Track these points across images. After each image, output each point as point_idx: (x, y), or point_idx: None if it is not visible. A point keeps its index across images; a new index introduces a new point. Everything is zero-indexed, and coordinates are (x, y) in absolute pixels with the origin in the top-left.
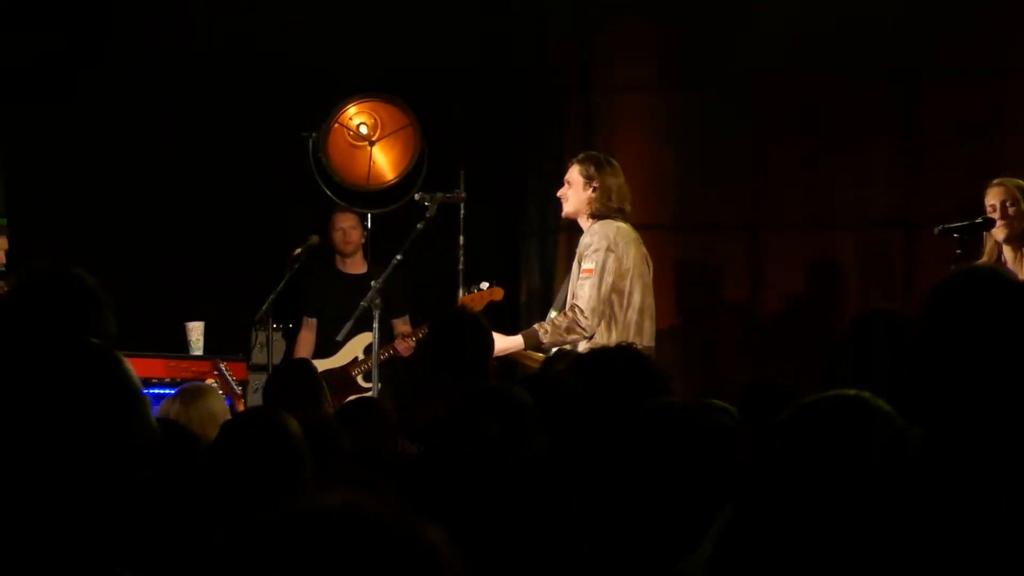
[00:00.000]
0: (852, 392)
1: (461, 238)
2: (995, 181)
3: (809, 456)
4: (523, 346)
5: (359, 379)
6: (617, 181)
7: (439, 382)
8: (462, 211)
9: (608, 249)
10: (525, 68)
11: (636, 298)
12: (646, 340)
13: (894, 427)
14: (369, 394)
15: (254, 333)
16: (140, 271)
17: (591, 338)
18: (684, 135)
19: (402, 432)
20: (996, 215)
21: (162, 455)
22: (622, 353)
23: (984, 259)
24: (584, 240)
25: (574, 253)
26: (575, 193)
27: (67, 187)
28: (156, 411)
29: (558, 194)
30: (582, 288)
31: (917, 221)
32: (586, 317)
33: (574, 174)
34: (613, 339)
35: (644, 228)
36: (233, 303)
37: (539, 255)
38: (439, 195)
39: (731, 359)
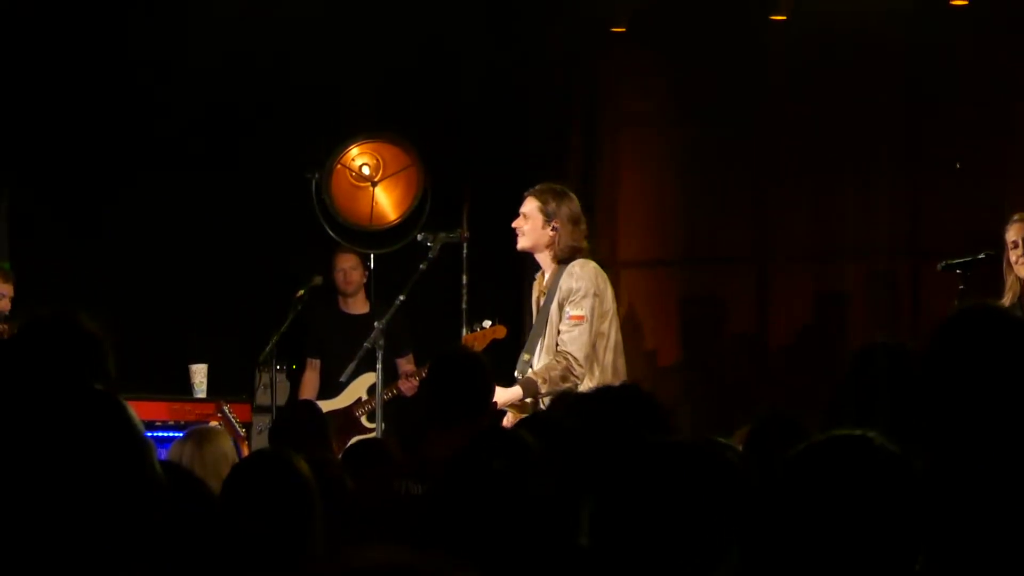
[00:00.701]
0: (858, 432)
1: (464, 277)
2: (1016, 216)
3: (814, 500)
4: (522, 397)
5: (363, 420)
6: (574, 213)
7: (440, 421)
8: (465, 250)
9: (595, 295)
10: (528, 102)
11: (612, 338)
12: (621, 376)
13: (900, 469)
14: (373, 435)
15: (258, 375)
16: (143, 313)
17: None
18: (689, 168)
19: (407, 472)
20: (1019, 251)
21: (170, 500)
22: (625, 393)
23: (1006, 297)
24: (568, 284)
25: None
26: (532, 229)
27: (70, 230)
28: (165, 454)
29: (513, 225)
30: (571, 334)
31: (924, 250)
32: (580, 365)
33: (531, 208)
34: (596, 380)
35: (649, 263)
36: (236, 345)
37: None
38: (442, 235)
39: (738, 392)
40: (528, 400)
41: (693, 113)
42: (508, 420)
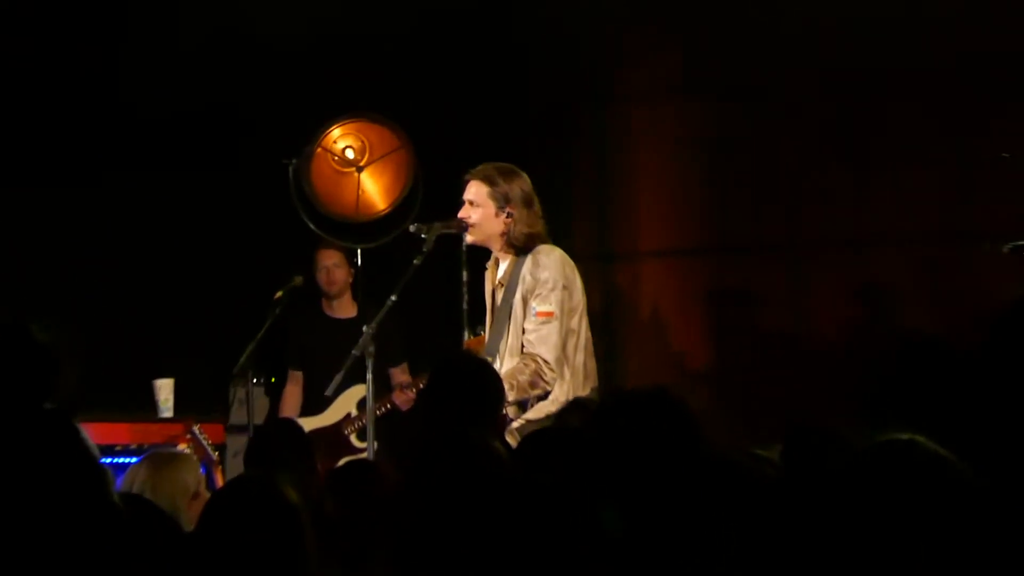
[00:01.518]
0: (905, 437)
1: (464, 273)
2: None
3: (864, 513)
4: None
5: (353, 438)
6: (527, 194)
7: (443, 437)
8: (464, 242)
9: (563, 287)
10: (530, 76)
11: (583, 336)
12: (591, 380)
13: (953, 475)
14: (364, 455)
15: (232, 390)
16: (100, 321)
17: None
18: (713, 148)
19: (402, 494)
20: None
21: (127, 533)
22: (652, 399)
23: None
24: (534, 275)
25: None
26: (484, 218)
27: (20, 235)
28: (120, 482)
29: (460, 215)
30: (539, 333)
31: (972, 235)
32: (551, 368)
33: (480, 194)
34: (567, 386)
35: (672, 254)
36: (207, 356)
37: None
38: (437, 225)
39: (772, 393)
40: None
41: (715, 86)
42: (512, 433)
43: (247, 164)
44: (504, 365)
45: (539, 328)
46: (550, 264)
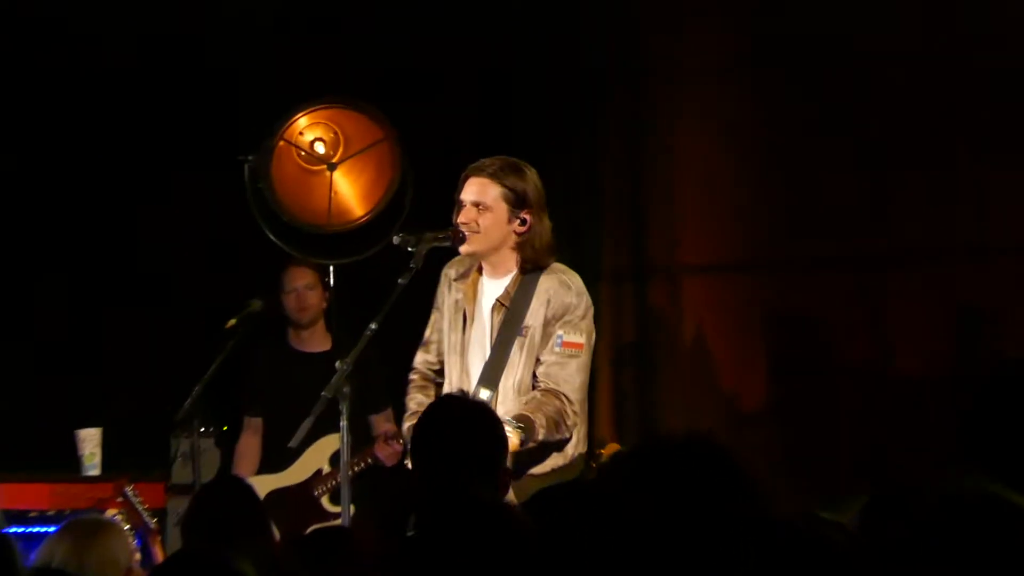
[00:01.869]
0: (988, 488)
1: None
2: None
3: None
4: (517, 446)
5: (324, 500)
6: (542, 197)
7: (447, 500)
8: (460, 254)
9: (591, 317)
10: (548, 51)
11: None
12: (585, 426)
13: None
14: (338, 521)
15: (174, 442)
16: (10, 359)
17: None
18: (773, 138)
19: (387, 569)
20: None
21: None
22: (691, 448)
23: None
24: (563, 297)
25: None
26: (495, 224)
27: None
28: (35, 556)
29: (461, 220)
30: (567, 368)
31: None
32: (576, 411)
33: (490, 195)
34: (581, 433)
35: (721, 269)
36: (142, 400)
37: None
38: (428, 236)
39: (843, 439)
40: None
41: (781, 60)
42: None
43: (192, 163)
44: (508, 404)
45: (564, 361)
46: (580, 287)
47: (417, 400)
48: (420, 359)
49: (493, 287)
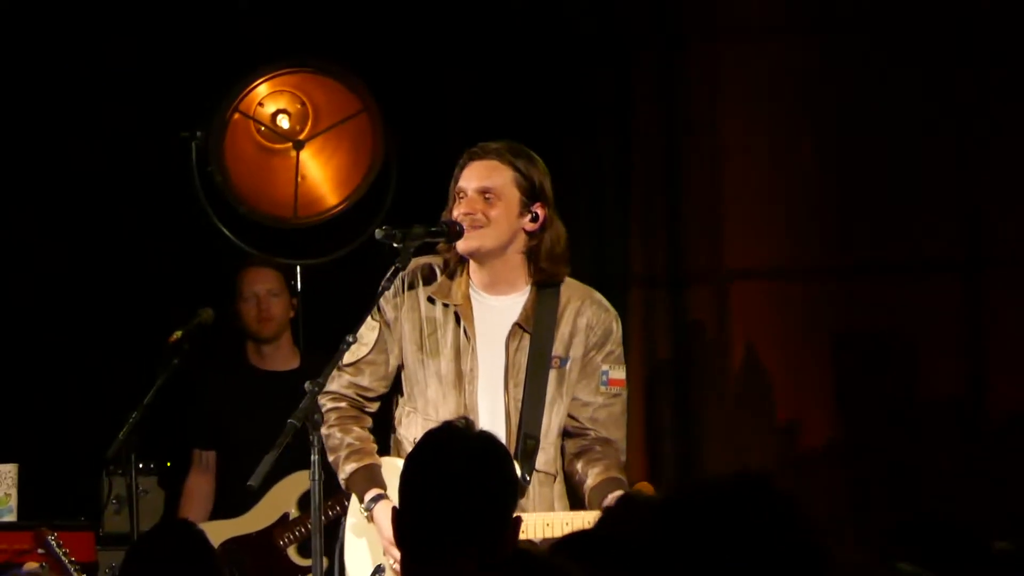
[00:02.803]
0: None
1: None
2: None
3: None
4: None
5: (291, 551)
6: (551, 192)
7: (430, 548)
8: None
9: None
10: (564, 7)
11: None
12: None
13: None
14: None
15: (106, 481)
16: None
17: None
18: (840, 113)
19: None
20: None
21: None
22: (741, 491)
23: None
24: (605, 323)
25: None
26: (506, 216)
27: None
28: None
29: (464, 211)
30: (612, 411)
31: None
32: (624, 460)
33: (502, 182)
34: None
35: (775, 274)
36: (68, 431)
37: None
38: (417, 230)
39: (929, 479)
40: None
41: (846, 17)
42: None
43: (120, 141)
44: (548, 452)
45: (611, 403)
46: (607, 306)
47: (356, 434)
48: (345, 382)
49: (498, 305)
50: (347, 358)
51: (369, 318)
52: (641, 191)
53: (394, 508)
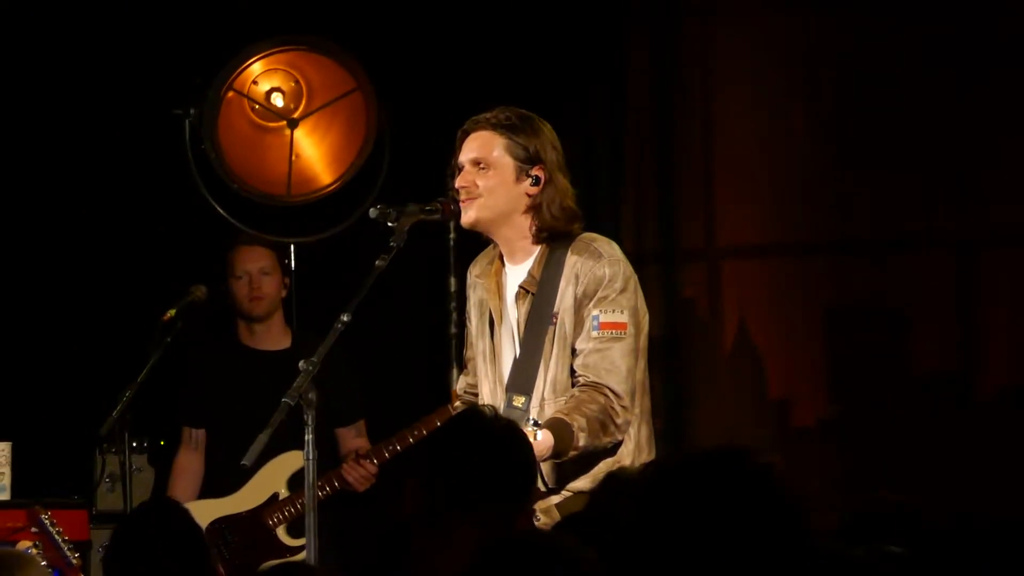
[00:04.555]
0: None
1: (453, 281)
2: None
3: None
4: (550, 452)
5: (280, 532)
6: (561, 155)
7: (437, 526)
8: (452, 235)
9: (636, 289)
10: None
11: (644, 366)
12: (648, 427)
13: None
14: (300, 556)
15: (99, 459)
16: None
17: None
18: (835, 87)
19: None
20: None
21: None
22: (727, 465)
23: None
24: (595, 270)
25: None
26: (500, 185)
27: None
28: None
29: (458, 183)
30: (608, 354)
31: None
32: (624, 407)
33: (493, 150)
34: (636, 437)
35: (767, 251)
36: (61, 410)
37: None
38: (412, 208)
39: (918, 456)
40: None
41: None
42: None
43: (114, 118)
44: (546, 410)
45: (606, 347)
46: (615, 254)
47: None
48: (462, 384)
49: (516, 273)
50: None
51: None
52: (633, 169)
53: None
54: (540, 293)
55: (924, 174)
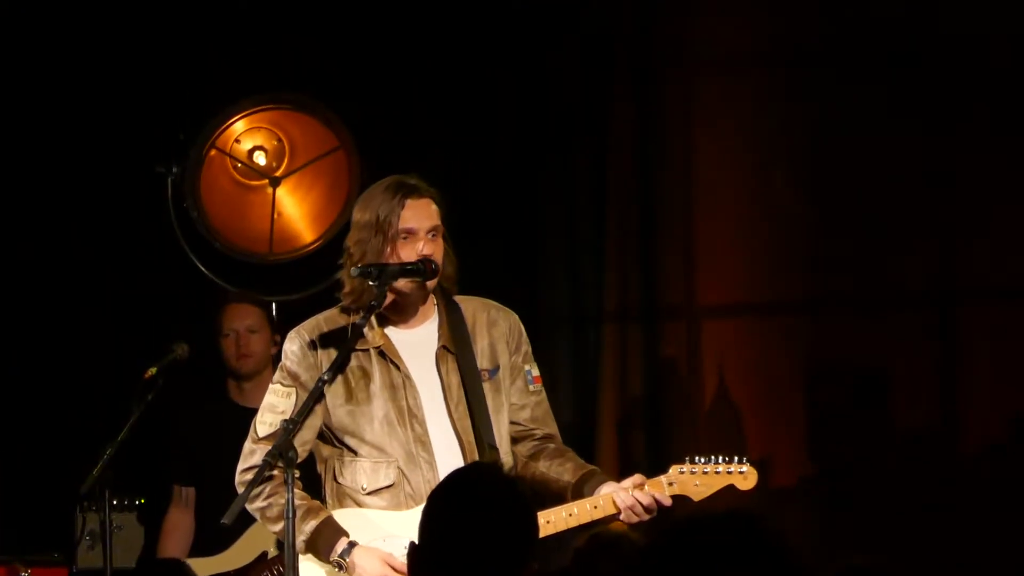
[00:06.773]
0: None
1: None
2: None
3: None
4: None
5: None
6: None
7: None
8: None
9: None
10: (545, 38)
11: None
12: None
13: None
14: None
15: (80, 517)
16: None
17: None
18: (817, 145)
19: None
20: None
21: None
22: (728, 531)
23: None
24: (513, 325)
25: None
26: (447, 254)
27: None
28: None
29: (425, 252)
30: (546, 407)
31: None
32: None
33: (439, 220)
34: None
35: (748, 310)
36: (42, 467)
37: (572, 354)
38: (394, 268)
39: (907, 516)
40: None
41: (822, 51)
42: None
43: (97, 175)
44: (508, 460)
45: (542, 399)
46: (511, 310)
47: (299, 495)
48: (300, 440)
49: (415, 336)
50: (262, 431)
51: (278, 385)
52: (615, 227)
53: (412, 543)
54: (460, 352)
55: (902, 232)
